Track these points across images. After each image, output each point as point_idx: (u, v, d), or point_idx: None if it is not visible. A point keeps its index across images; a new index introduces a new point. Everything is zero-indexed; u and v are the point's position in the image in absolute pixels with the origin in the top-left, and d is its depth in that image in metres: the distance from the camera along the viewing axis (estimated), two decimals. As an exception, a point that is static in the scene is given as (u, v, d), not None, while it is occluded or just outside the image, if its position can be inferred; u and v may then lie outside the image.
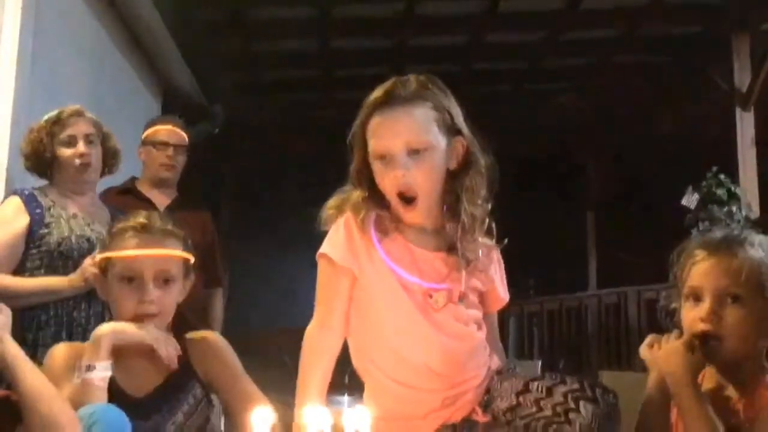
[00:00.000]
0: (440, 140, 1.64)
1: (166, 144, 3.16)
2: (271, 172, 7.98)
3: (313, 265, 1.73)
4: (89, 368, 1.71)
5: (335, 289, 1.68)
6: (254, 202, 8.08)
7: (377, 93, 1.65)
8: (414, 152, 1.61)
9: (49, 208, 2.54)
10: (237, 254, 7.27)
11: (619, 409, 1.55)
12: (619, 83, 7.48)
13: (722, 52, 6.18)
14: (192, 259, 1.94)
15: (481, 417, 1.65)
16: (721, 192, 5.59)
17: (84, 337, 1.93)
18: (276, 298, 8.04)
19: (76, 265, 2.43)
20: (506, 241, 1.78)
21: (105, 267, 1.89)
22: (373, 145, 1.64)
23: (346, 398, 4.08)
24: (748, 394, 1.53)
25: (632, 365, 6.78)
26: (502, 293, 1.82)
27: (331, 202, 1.71)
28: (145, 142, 3.18)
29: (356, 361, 1.76)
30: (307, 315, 1.75)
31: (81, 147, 2.57)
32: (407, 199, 1.64)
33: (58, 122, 2.59)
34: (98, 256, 1.92)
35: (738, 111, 6.07)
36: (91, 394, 1.67)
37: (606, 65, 7.24)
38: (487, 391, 1.65)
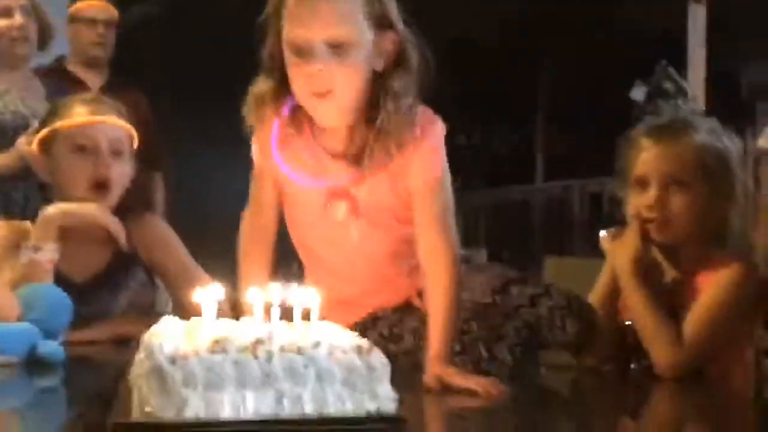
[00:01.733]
0: (366, 35, 1.42)
1: (94, 21, 2.99)
2: (215, 56, 7.72)
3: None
4: (36, 249, 1.68)
5: (261, 183, 1.58)
6: (196, 89, 7.85)
7: None
8: (334, 46, 1.40)
9: None
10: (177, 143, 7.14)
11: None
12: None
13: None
14: (136, 140, 1.89)
15: (419, 302, 1.58)
16: (669, 85, 5.62)
17: (22, 217, 1.88)
18: (220, 184, 7.93)
19: (11, 143, 2.33)
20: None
21: (48, 143, 1.82)
22: (288, 32, 1.42)
23: (295, 286, 4.13)
24: (690, 276, 1.56)
25: (574, 254, 6.99)
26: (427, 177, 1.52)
27: (246, 104, 1.51)
28: (72, 19, 2.99)
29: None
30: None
31: (18, 18, 2.42)
32: (321, 95, 1.44)
33: None
34: (43, 130, 1.84)
35: (691, 3, 6.03)
36: (38, 276, 1.65)
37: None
38: None
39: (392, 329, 1.55)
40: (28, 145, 2.05)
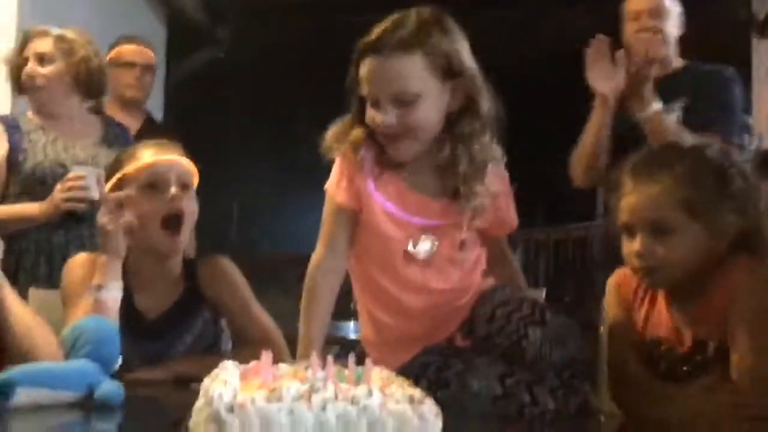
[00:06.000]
0: (433, 87, 1.57)
1: (131, 64, 3.08)
2: (280, 96, 7.88)
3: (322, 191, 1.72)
4: (98, 288, 1.71)
5: (339, 223, 1.67)
6: (262, 128, 8.01)
7: (369, 36, 1.59)
8: (401, 102, 1.56)
9: (29, 133, 2.50)
10: (244, 179, 7.28)
11: (575, 328, 1.53)
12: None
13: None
14: (197, 178, 1.94)
15: (461, 342, 1.64)
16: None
17: (64, 261, 1.94)
18: (286, 222, 8.03)
19: (50, 190, 2.37)
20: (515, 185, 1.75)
21: (118, 190, 1.85)
22: (364, 88, 1.61)
23: (352, 324, 4.11)
24: (705, 304, 1.49)
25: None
26: (509, 219, 1.78)
27: (331, 132, 1.67)
28: (111, 63, 3.03)
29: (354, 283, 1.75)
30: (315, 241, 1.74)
31: (29, 67, 2.51)
32: (391, 137, 1.60)
33: (21, 45, 2.56)
34: (111, 180, 1.89)
35: (754, 39, 5.93)
36: (104, 315, 1.64)
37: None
38: (471, 314, 1.63)
39: (439, 374, 1.56)
40: (61, 193, 2.27)
